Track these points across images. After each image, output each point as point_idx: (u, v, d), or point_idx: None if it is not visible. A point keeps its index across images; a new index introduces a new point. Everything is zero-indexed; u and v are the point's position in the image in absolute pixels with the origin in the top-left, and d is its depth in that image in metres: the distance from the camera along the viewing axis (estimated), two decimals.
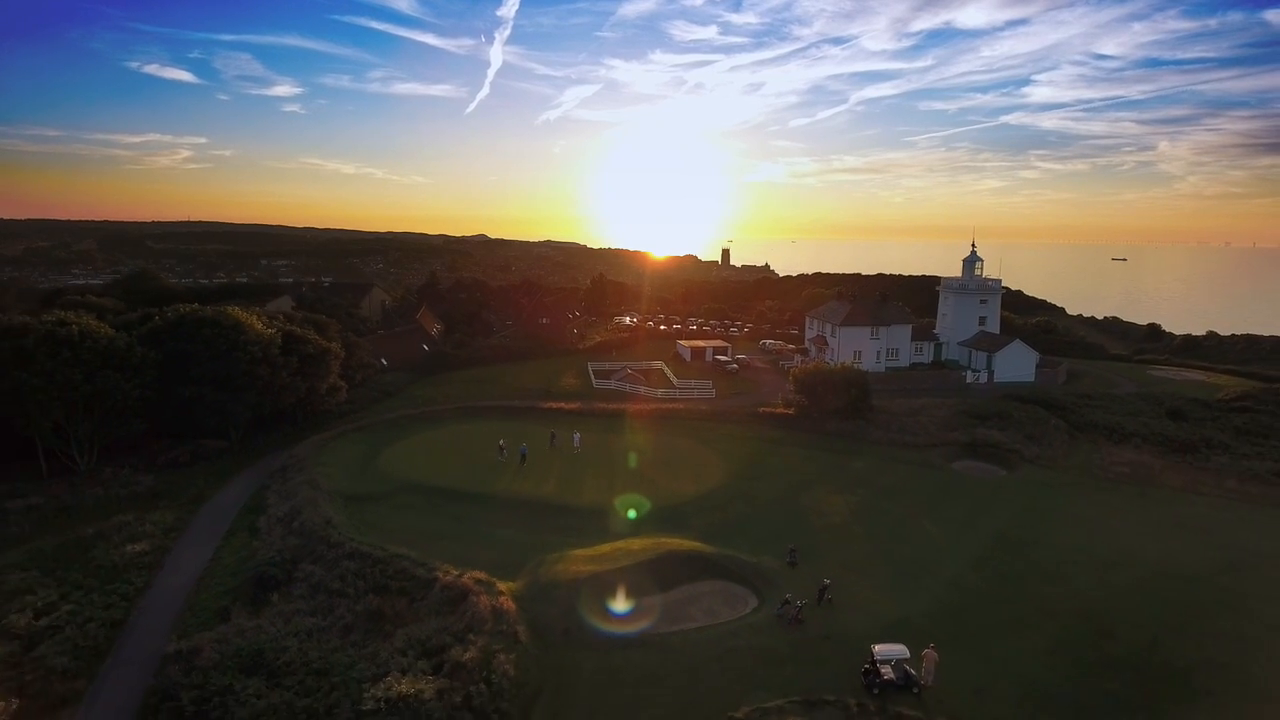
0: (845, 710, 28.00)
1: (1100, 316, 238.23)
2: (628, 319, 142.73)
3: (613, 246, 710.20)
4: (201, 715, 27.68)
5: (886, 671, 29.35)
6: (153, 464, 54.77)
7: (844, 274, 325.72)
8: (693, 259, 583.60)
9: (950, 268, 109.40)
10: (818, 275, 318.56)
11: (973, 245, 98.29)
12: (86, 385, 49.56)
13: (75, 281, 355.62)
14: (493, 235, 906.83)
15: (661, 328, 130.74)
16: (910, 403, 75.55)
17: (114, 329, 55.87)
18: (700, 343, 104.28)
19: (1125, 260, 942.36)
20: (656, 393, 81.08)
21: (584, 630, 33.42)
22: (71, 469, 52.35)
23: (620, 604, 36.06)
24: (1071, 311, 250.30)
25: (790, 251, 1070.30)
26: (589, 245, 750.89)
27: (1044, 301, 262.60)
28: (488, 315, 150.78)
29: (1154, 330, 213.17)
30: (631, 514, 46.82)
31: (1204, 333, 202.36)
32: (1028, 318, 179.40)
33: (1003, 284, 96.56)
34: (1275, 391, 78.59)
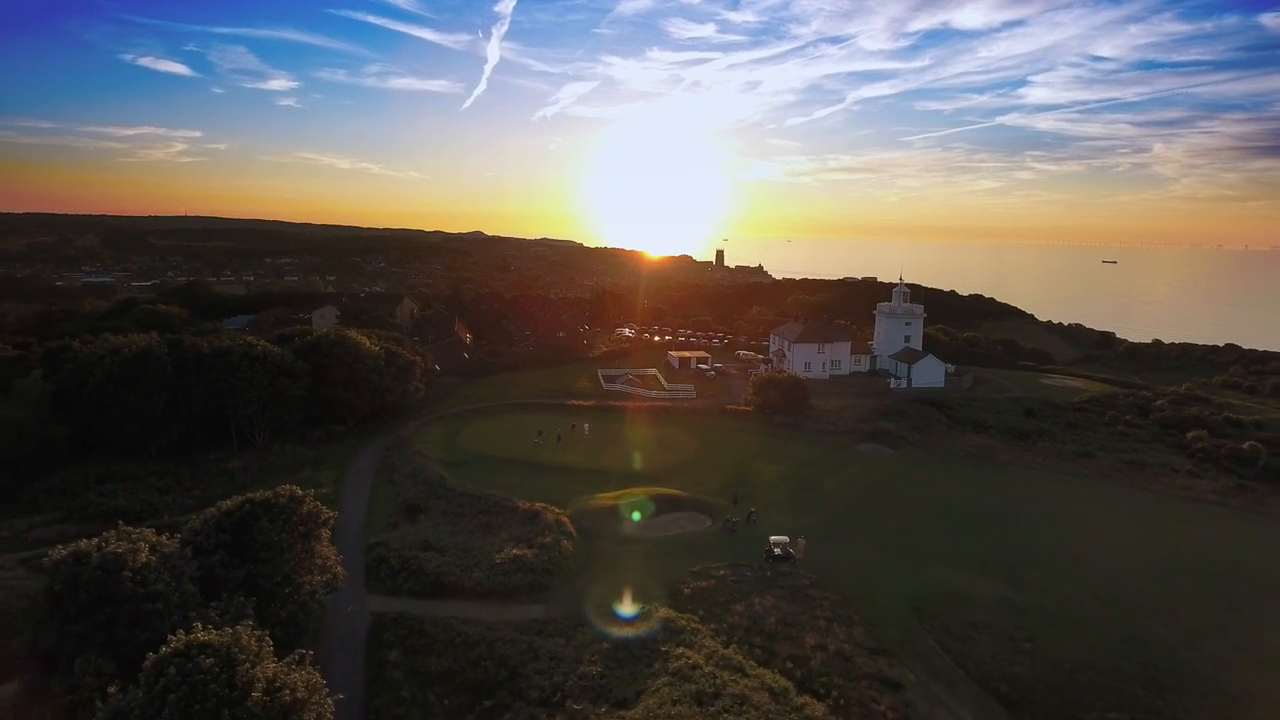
0: (752, 569, 50.79)
1: (1066, 323, 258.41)
2: (628, 331, 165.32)
3: (609, 246, 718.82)
4: (405, 569, 50.12)
5: (777, 550, 52.14)
6: (303, 441, 77.12)
7: (833, 279, 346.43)
8: (688, 259, 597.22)
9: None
10: (805, 281, 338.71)
11: (900, 278, 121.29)
12: (270, 387, 72.06)
13: (89, 279, 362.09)
14: (489, 232, 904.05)
15: (655, 339, 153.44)
16: (841, 402, 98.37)
17: (273, 344, 78.29)
18: (686, 353, 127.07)
19: (1115, 263, 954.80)
20: (651, 394, 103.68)
21: (608, 532, 56.20)
22: (251, 444, 74.68)
23: (626, 524, 58.88)
24: (1041, 317, 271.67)
25: (785, 251, 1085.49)
26: (586, 244, 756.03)
27: (1014, 308, 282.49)
28: (507, 325, 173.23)
29: (1106, 338, 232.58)
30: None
31: (1150, 340, 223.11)
32: (966, 329, 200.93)
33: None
34: (1114, 395, 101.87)
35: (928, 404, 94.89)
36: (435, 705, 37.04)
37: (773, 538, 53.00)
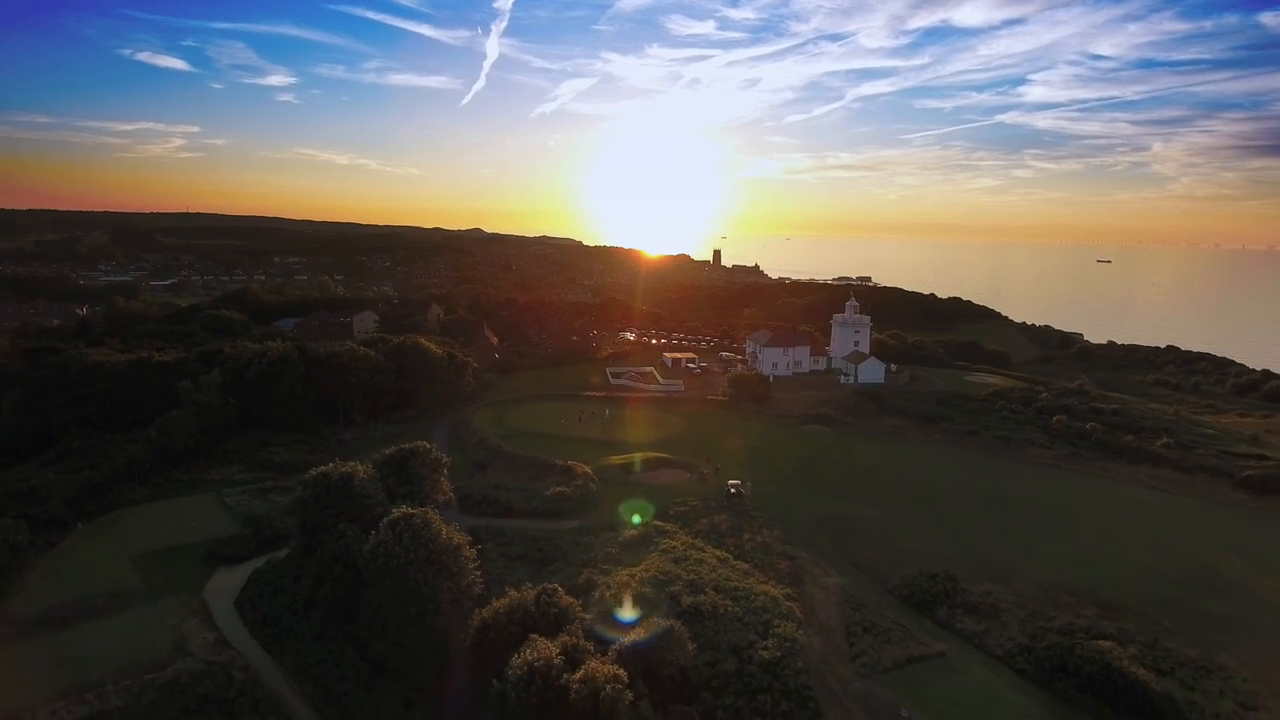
0: (715, 501, 74.87)
1: (1038, 324, 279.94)
2: (629, 335, 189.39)
3: (608, 244, 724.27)
4: (485, 500, 74.03)
5: (733, 490, 76.19)
6: (388, 421, 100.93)
7: (828, 281, 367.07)
8: (685, 259, 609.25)
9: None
10: (796, 284, 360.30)
11: (851, 293, 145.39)
12: (369, 381, 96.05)
13: (108, 278, 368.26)
14: (488, 229, 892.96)
15: (653, 342, 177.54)
16: (798, 394, 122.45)
17: (367, 348, 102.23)
18: (678, 355, 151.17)
19: (1110, 262, 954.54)
20: (649, 387, 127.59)
21: (619, 479, 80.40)
22: (352, 422, 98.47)
23: (632, 475, 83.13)
24: (1017, 318, 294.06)
25: (783, 249, 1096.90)
26: (585, 243, 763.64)
27: (989, 310, 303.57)
28: (525, 329, 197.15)
29: (1065, 339, 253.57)
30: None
31: (1105, 341, 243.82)
32: (941, 331, 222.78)
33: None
34: (1013, 389, 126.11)
35: (865, 396, 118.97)
36: (519, 569, 61.14)
37: (730, 481, 77.25)
